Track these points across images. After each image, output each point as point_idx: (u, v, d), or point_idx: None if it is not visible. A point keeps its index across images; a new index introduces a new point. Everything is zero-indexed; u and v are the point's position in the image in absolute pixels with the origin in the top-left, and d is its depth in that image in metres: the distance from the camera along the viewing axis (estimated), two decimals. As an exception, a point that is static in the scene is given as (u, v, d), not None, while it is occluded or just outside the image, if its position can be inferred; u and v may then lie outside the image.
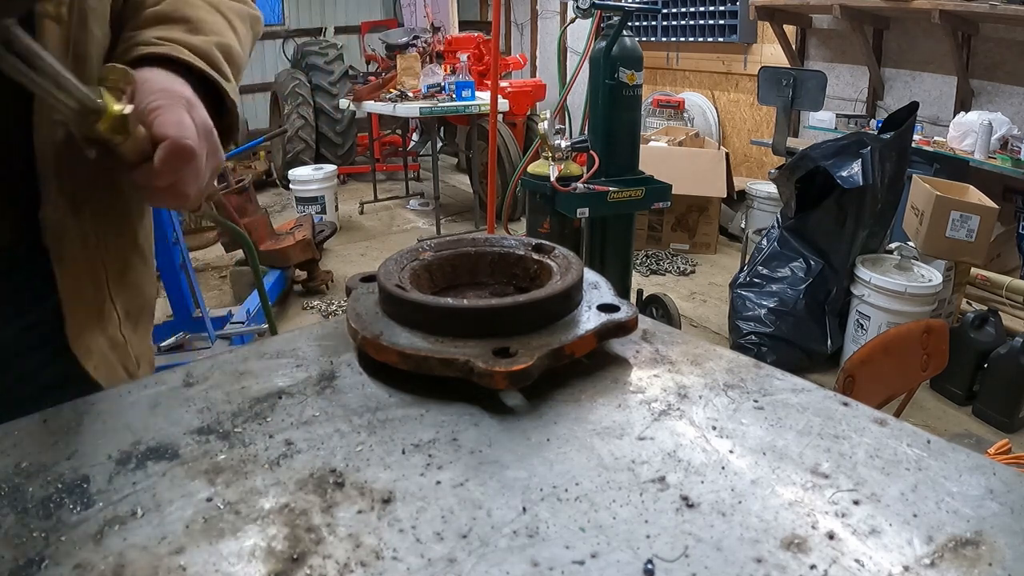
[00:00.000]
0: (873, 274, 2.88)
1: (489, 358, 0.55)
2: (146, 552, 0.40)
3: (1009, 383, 2.60)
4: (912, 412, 2.55)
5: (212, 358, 0.64)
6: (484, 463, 0.49)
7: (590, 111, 2.81)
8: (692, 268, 4.57)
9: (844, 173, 2.92)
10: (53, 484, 0.46)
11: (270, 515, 0.43)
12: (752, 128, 5.53)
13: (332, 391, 0.58)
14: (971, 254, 2.97)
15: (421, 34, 6.48)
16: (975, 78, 3.95)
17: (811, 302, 3.11)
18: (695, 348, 0.66)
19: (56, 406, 0.56)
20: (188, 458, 0.49)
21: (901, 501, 0.44)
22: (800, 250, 3.22)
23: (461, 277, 0.74)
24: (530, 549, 0.40)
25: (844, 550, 0.40)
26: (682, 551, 0.40)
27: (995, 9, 3.37)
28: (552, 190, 2.63)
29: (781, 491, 0.45)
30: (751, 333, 3.14)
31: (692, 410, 0.55)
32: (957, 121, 3.66)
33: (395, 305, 0.63)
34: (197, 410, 0.55)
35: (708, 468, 0.48)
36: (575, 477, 0.47)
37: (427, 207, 5.83)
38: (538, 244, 0.74)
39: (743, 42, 5.34)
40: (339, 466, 0.48)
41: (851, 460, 0.48)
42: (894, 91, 4.43)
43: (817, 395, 0.57)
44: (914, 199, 3.13)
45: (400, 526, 0.42)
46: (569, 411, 0.55)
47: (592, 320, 0.62)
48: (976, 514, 0.43)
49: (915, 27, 4.17)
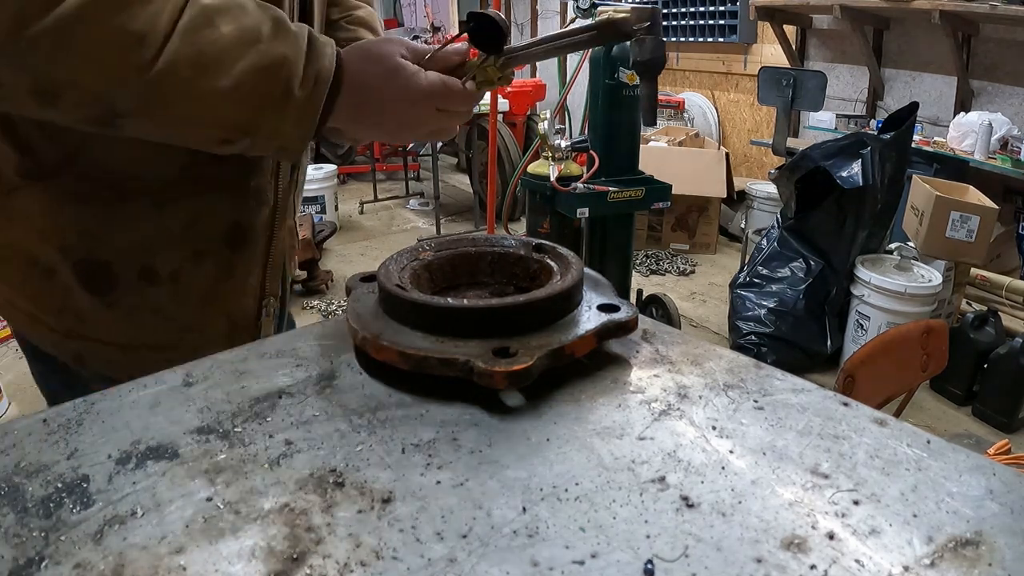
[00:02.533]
0: (873, 274, 2.88)
1: (489, 358, 0.55)
2: (146, 552, 0.40)
3: (1009, 383, 2.60)
4: (912, 412, 2.55)
5: (212, 357, 0.64)
6: (484, 463, 0.49)
7: (590, 111, 2.81)
8: (692, 268, 4.57)
9: (844, 173, 2.91)
10: (53, 484, 0.46)
11: (270, 515, 0.43)
12: (752, 128, 5.53)
13: (332, 391, 0.58)
14: (971, 254, 2.97)
15: (421, 34, 6.48)
16: (975, 78, 3.95)
17: (811, 302, 3.11)
18: (695, 348, 0.66)
19: (56, 406, 0.56)
20: (188, 458, 0.49)
21: (901, 501, 0.44)
22: (800, 250, 3.22)
23: (461, 277, 0.74)
24: (530, 549, 0.40)
25: (844, 550, 0.40)
26: (682, 551, 0.40)
27: (995, 9, 3.37)
28: (552, 190, 2.63)
29: (781, 491, 0.45)
30: (751, 333, 3.14)
31: (692, 410, 0.55)
32: (957, 121, 3.66)
33: (395, 305, 0.63)
34: (197, 410, 0.55)
35: (708, 468, 0.48)
36: (575, 477, 0.47)
37: (427, 207, 5.83)
38: (538, 244, 0.74)
39: (743, 42, 5.34)
40: (339, 466, 0.48)
41: (851, 460, 0.48)
42: (894, 91, 4.43)
43: (817, 395, 0.57)
44: (914, 199, 3.13)
45: (400, 526, 0.42)
46: (569, 411, 0.55)
47: (592, 320, 0.62)
48: (976, 514, 0.43)
49: (915, 27, 4.17)
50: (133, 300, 0.77)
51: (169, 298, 0.79)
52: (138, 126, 0.63)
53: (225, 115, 0.63)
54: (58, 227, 0.73)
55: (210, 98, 0.61)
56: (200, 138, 0.65)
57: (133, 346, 0.79)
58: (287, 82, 0.63)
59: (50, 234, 0.73)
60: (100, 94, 0.59)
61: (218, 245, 0.80)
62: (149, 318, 0.79)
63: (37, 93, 0.58)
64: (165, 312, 0.79)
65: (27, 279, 0.77)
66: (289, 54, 0.63)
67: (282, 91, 0.63)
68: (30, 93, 0.58)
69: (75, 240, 0.74)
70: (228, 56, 0.61)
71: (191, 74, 0.59)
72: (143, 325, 0.79)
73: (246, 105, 0.63)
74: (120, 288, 0.76)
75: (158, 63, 0.58)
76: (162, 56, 0.58)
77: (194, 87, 0.60)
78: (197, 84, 0.60)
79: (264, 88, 0.63)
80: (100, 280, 0.75)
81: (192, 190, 0.76)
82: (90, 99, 0.59)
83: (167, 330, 0.80)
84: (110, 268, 0.75)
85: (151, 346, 0.79)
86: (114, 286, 0.76)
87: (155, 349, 0.79)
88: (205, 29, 0.60)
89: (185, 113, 0.62)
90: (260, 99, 0.63)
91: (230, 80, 0.61)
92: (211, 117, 0.63)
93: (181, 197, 0.76)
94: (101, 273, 0.75)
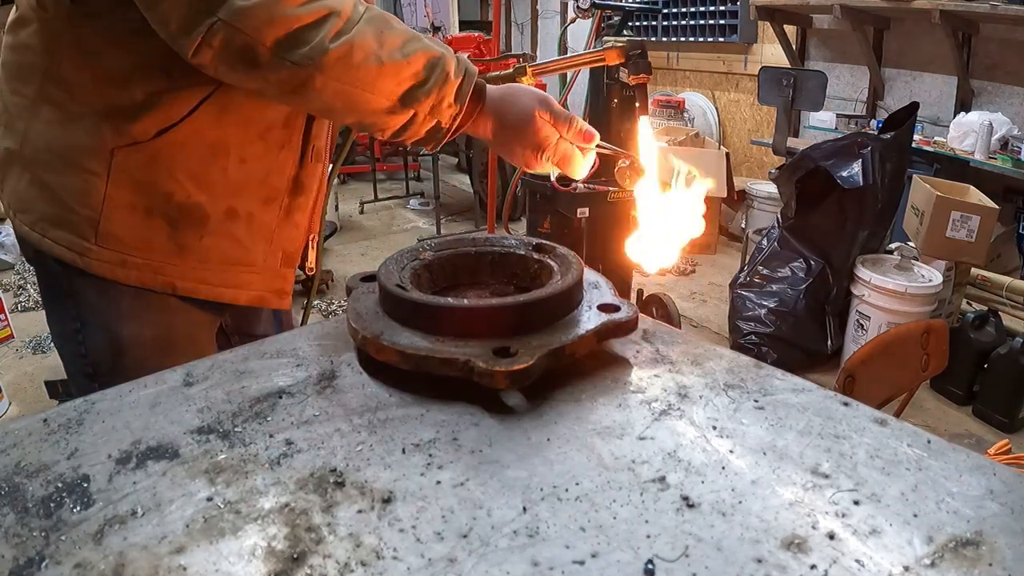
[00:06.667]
0: (873, 274, 2.88)
1: (489, 358, 0.55)
2: (146, 551, 0.40)
3: (1009, 383, 2.59)
4: (912, 412, 2.55)
5: (212, 357, 0.64)
6: (484, 463, 0.49)
7: (590, 111, 2.81)
8: (692, 268, 4.57)
9: (844, 173, 2.91)
10: (53, 483, 0.46)
11: (270, 515, 0.43)
12: (752, 128, 5.53)
13: (332, 391, 0.58)
14: (971, 254, 2.97)
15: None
16: (975, 78, 3.95)
17: (811, 302, 3.11)
18: (695, 348, 0.66)
19: (56, 406, 0.56)
20: (188, 458, 0.49)
21: (901, 501, 0.44)
22: (800, 250, 3.22)
23: (461, 277, 0.74)
24: (530, 549, 0.40)
25: (844, 550, 0.40)
26: (682, 551, 0.40)
27: (995, 9, 3.37)
28: (552, 190, 2.63)
29: (781, 491, 0.45)
30: (751, 333, 3.14)
31: (692, 410, 0.55)
32: (957, 121, 3.65)
33: (395, 305, 0.63)
34: (197, 410, 0.55)
35: (708, 468, 0.48)
36: (575, 477, 0.47)
37: (427, 207, 5.83)
38: (538, 244, 0.74)
39: (743, 42, 5.34)
40: (339, 466, 0.48)
41: (851, 460, 0.48)
42: (894, 91, 4.43)
43: (817, 395, 0.57)
44: (914, 199, 3.13)
45: (400, 526, 0.42)
46: (569, 411, 0.55)
47: (592, 320, 0.62)
48: (976, 514, 0.43)
49: (915, 27, 4.17)
50: (219, 232, 0.94)
51: (245, 232, 0.96)
52: (326, 92, 0.75)
53: (396, 86, 0.76)
54: (166, 176, 0.88)
55: (389, 68, 0.75)
56: (373, 107, 0.77)
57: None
58: (444, 67, 0.77)
59: (158, 182, 0.88)
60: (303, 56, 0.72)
61: (282, 193, 0.99)
62: (231, 247, 0.96)
63: (245, 51, 0.71)
64: (242, 244, 0.97)
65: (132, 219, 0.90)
66: (445, 52, 0.79)
67: (442, 75, 0.77)
68: (240, 51, 0.71)
69: (177, 187, 0.89)
70: (402, 40, 0.76)
71: (376, 46, 0.74)
72: (226, 250, 0.96)
73: (415, 79, 0.76)
74: (210, 224, 0.93)
75: (352, 33, 0.72)
76: (355, 28, 0.73)
77: (376, 57, 0.74)
78: (379, 55, 0.74)
79: (428, 71, 0.77)
80: (196, 218, 0.92)
81: (265, 150, 0.94)
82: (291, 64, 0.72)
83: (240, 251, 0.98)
84: (203, 208, 0.92)
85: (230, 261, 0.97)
86: (206, 221, 0.93)
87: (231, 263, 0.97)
88: (382, 21, 0.76)
89: (366, 78, 0.74)
90: (426, 76, 0.77)
91: (404, 57, 0.75)
92: (386, 85, 0.75)
93: (260, 155, 0.94)
94: (197, 212, 0.91)
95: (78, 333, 0.93)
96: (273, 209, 0.99)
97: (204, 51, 0.72)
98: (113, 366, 0.93)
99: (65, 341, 0.96)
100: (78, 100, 0.84)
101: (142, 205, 0.88)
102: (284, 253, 1.04)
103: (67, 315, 0.93)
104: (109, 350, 0.92)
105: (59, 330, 0.96)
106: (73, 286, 0.91)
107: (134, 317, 0.92)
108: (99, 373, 0.93)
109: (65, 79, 0.83)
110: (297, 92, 0.75)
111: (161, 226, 0.90)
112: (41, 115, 0.86)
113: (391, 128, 0.79)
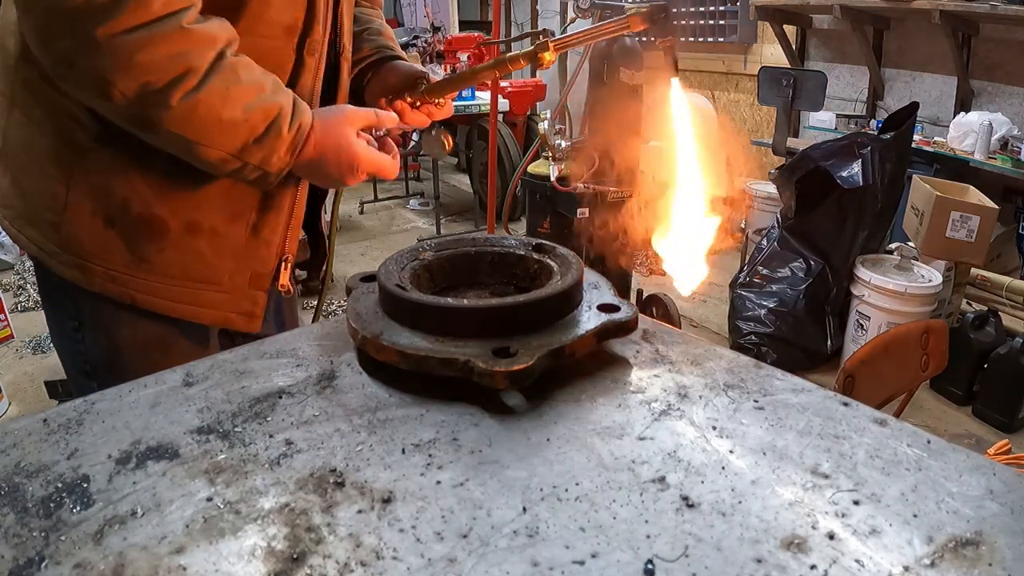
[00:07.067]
0: (873, 274, 2.88)
1: (489, 358, 0.55)
2: (146, 552, 0.40)
3: (1009, 383, 2.60)
4: (912, 412, 2.55)
5: (212, 357, 0.64)
6: (484, 463, 0.49)
7: (590, 111, 2.81)
8: (692, 268, 4.56)
9: (844, 173, 2.91)
10: (53, 484, 0.46)
11: (270, 515, 0.43)
12: (752, 128, 5.53)
13: (332, 391, 0.58)
14: (971, 254, 2.96)
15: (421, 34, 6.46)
16: (975, 78, 3.95)
17: (811, 302, 3.11)
18: (695, 348, 0.66)
19: (56, 406, 0.56)
20: (188, 458, 0.49)
21: (901, 501, 0.44)
22: (800, 250, 3.22)
23: (461, 277, 0.74)
24: (530, 549, 0.40)
25: (844, 550, 0.40)
26: (682, 551, 0.40)
27: (995, 9, 3.37)
28: (552, 190, 2.63)
29: (781, 491, 0.45)
30: (751, 333, 3.14)
31: (692, 410, 0.55)
32: (957, 121, 3.65)
33: (395, 305, 0.63)
34: (197, 410, 0.55)
35: (708, 468, 0.48)
36: (575, 477, 0.47)
37: (427, 207, 5.83)
38: (538, 244, 0.74)
39: (743, 42, 5.33)
40: (339, 466, 0.48)
41: (851, 460, 0.48)
42: (894, 91, 4.43)
43: (817, 395, 0.57)
44: (914, 199, 3.13)
45: (400, 526, 0.42)
46: (569, 411, 0.55)
47: (592, 320, 0.62)
48: (976, 514, 0.43)
49: (915, 27, 4.17)
50: (180, 246, 0.93)
51: (208, 247, 0.94)
52: (168, 137, 0.78)
53: (232, 141, 0.80)
54: (123, 185, 0.87)
55: (227, 126, 0.79)
56: (208, 156, 0.81)
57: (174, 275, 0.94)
58: (279, 124, 0.82)
59: (116, 190, 0.87)
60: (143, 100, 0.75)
61: (249, 209, 0.96)
62: (192, 262, 0.94)
63: (99, 85, 0.74)
64: (204, 260, 0.94)
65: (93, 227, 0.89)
66: (284, 105, 0.83)
67: (275, 130, 0.82)
68: (94, 83, 0.74)
69: (136, 196, 0.88)
70: (247, 97, 0.80)
71: (220, 104, 0.78)
72: (187, 265, 0.94)
73: (250, 135, 0.80)
74: (170, 237, 0.92)
75: (200, 90, 0.76)
76: (205, 85, 0.76)
77: (216, 116, 0.78)
78: (219, 114, 0.78)
79: (265, 127, 0.81)
80: (155, 230, 0.91)
81: None
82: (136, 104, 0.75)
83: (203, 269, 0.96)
84: (163, 219, 0.91)
85: (195, 279, 0.95)
86: (165, 233, 0.91)
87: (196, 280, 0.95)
88: (232, 76, 0.79)
89: (205, 133, 0.78)
90: (263, 132, 0.81)
91: (244, 114, 0.79)
92: (223, 141, 0.80)
93: None
94: (157, 224, 0.90)
95: (76, 331, 0.93)
96: (240, 225, 0.95)
97: (64, 71, 0.75)
98: (111, 364, 0.93)
99: (63, 338, 0.96)
100: (41, 104, 0.85)
101: (102, 212, 0.87)
102: (253, 273, 0.99)
103: (65, 312, 0.93)
104: (106, 348, 0.92)
105: (57, 327, 0.96)
106: (69, 284, 0.91)
107: (122, 320, 0.92)
108: (97, 371, 0.93)
109: (31, 84, 0.85)
110: (141, 130, 0.79)
111: (120, 235, 0.88)
112: (14, 116, 0.87)
113: (221, 173, 0.84)
